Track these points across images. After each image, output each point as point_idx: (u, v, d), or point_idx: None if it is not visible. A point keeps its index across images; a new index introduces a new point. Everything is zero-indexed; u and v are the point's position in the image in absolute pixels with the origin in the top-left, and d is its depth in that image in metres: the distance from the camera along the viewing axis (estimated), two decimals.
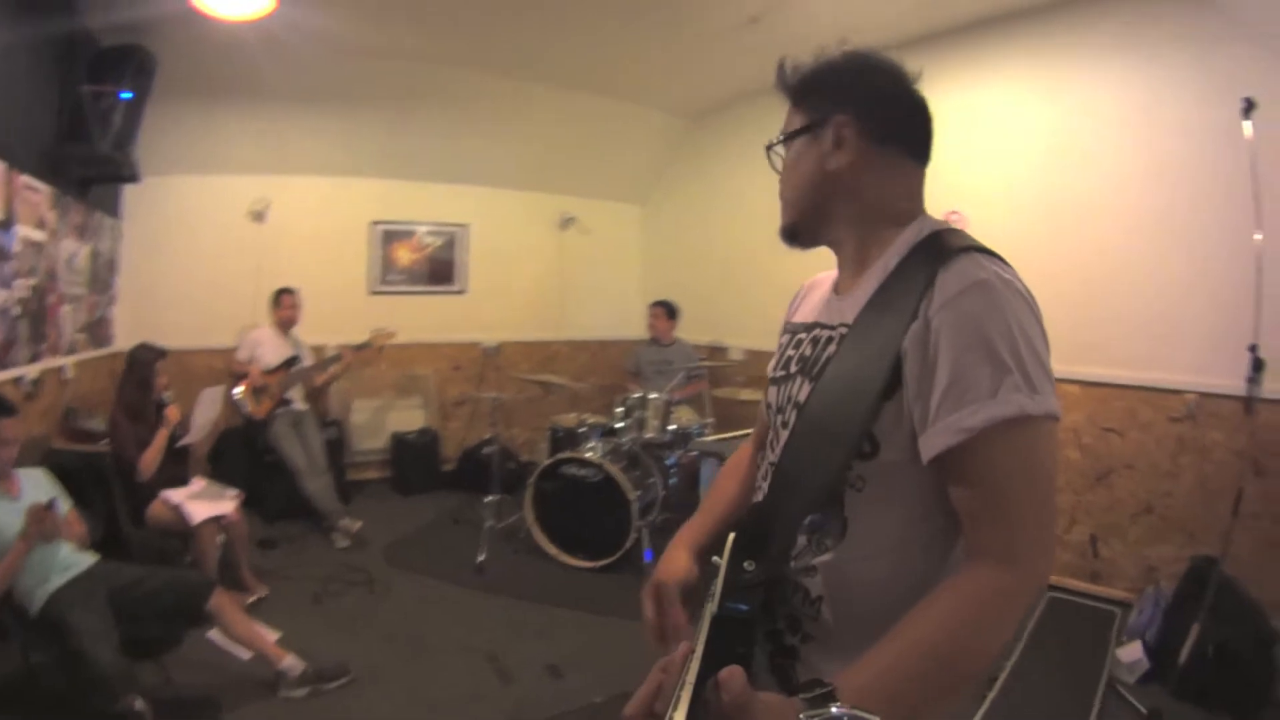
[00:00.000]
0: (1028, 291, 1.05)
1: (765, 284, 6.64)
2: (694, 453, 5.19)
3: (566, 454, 4.84)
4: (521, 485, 5.33)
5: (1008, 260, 1.09)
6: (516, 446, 6.95)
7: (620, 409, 5.20)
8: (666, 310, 6.39)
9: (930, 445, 1.00)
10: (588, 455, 4.75)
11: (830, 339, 1.20)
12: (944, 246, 1.09)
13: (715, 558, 1.05)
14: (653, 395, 5.14)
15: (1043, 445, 0.99)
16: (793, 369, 1.27)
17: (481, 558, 4.67)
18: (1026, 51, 4.66)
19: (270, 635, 3.39)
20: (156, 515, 3.89)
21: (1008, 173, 4.68)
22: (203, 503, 3.96)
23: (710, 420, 5.41)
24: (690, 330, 6.59)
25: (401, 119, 6.27)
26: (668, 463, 5.28)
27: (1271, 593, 3.51)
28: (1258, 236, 3.27)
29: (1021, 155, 4.68)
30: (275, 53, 5.04)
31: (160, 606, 3.07)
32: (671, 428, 5.14)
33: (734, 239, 7.05)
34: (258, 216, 6.07)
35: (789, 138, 1.29)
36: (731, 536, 1.01)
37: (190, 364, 5.66)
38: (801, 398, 1.19)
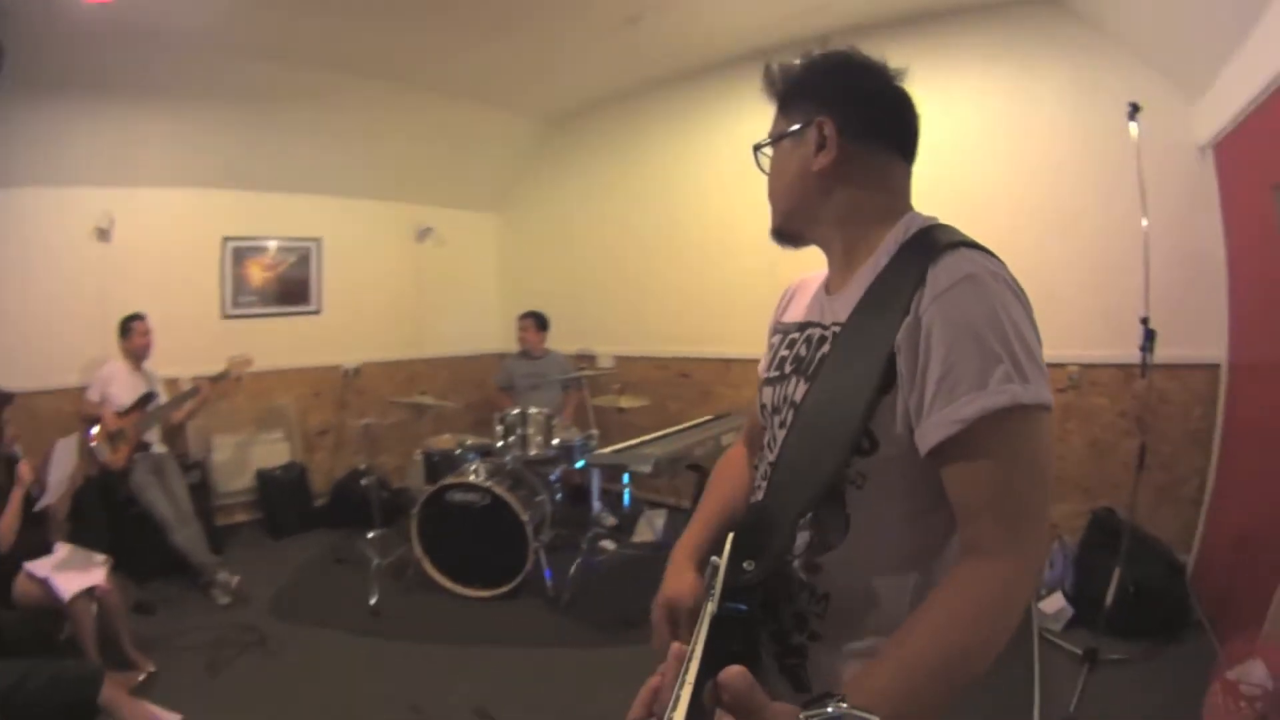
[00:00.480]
0: (1017, 284, 1.08)
1: (632, 288, 6.71)
2: (579, 465, 5.17)
3: (450, 479, 4.65)
4: (400, 516, 5.15)
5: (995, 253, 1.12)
6: (387, 474, 6.70)
7: (500, 427, 5.04)
8: (536, 321, 6.28)
9: (926, 438, 1.03)
10: (472, 479, 4.59)
11: (824, 338, 1.23)
12: (933, 242, 1.12)
13: (715, 558, 1.06)
14: (533, 410, 5.02)
15: (1036, 434, 1.01)
16: (787, 369, 1.30)
17: (374, 600, 4.45)
18: (912, 58, 4.80)
19: (170, 719, 3.14)
20: (23, 592, 3.43)
21: None
22: (71, 573, 3.53)
23: (594, 431, 5.39)
24: (556, 340, 6.50)
25: (253, 123, 5.84)
26: (551, 479, 5.20)
27: (1168, 531, 4.14)
28: (1144, 223, 3.61)
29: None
30: (127, 44, 4.65)
31: (50, 707, 2.75)
32: (555, 442, 5.04)
33: (598, 244, 7.06)
34: (102, 234, 5.49)
35: (775, 140, 1.32)
36: (730, 537, 1.04)
37: (37, 408, 5.07)
38: (798, 397, 1.21)
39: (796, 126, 1.26)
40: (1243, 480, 3.76)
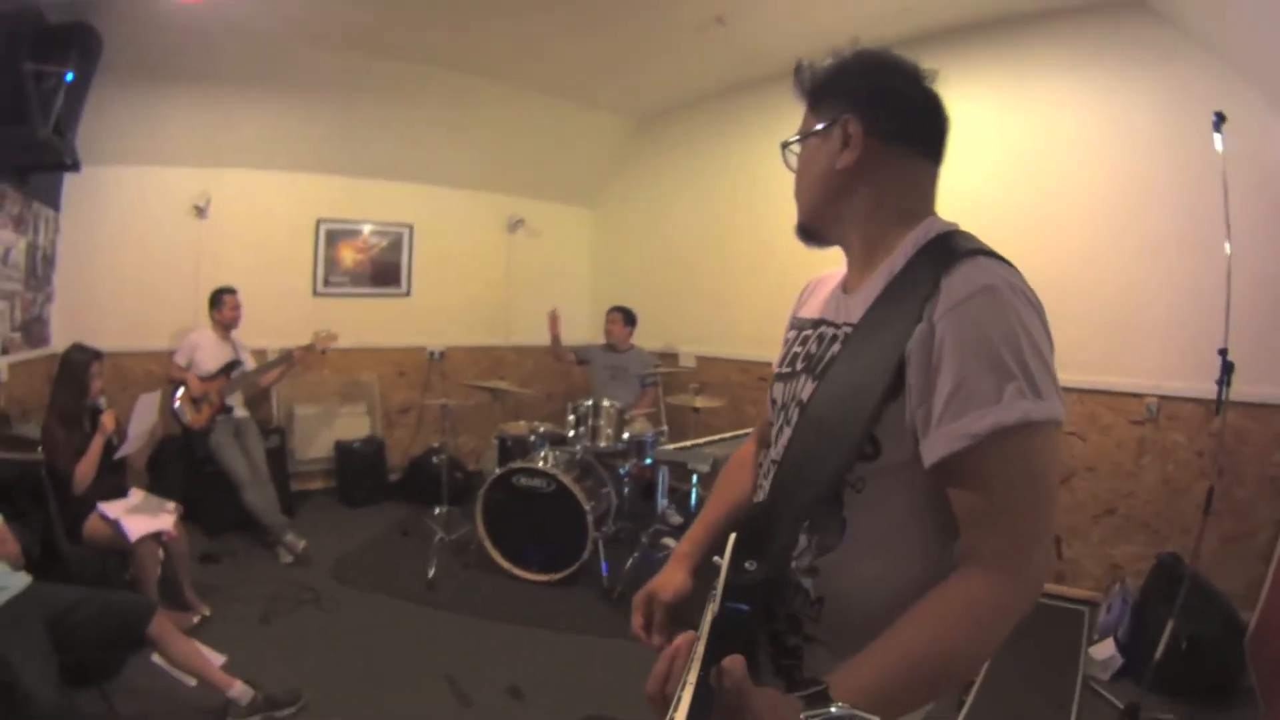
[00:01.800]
0: (1034, 295, 1.06)
1: (718, 290, 6.67)
2: (648, 461, 5.14)
3: (518, 464, 4.70)
4: (470, 496, 5.21)
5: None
6: (464, 455, 6.80)
7: (572, 416, 5.09)
8: (625, 316, 6.32)
9: (932, 450, 1.01)
10: (540, 465, 4.63)
11: (835, 337, 1.23)
12: (951, 249, 1.11)
13: (716, 558, 1.09)
14: (606, 403, 5.05)
15: (1045, 452, 1.00)
16: (798, 366, 1.29)
17: (432, 573, 4.53)
18: (995, 63, 4.74)
19: (216, 660, 3.21)
20: (94, 531, 3.65)
21: (972, 182, 4.68)
22: (141, 518, 3.73)
23: (664, 429, 5.36)
24: (642, 336, 6.52)
25: (348, 112, 6.05)
26: (620, 472, 5.19)
27: (1234, 585, 3.77)
28: (1227, 247, 3.34)
29: (987, 164, 4.73)
30: (220, 37, 4.88)
31: (100, 632, 2.87)
32: (625, 436, 5.05)
33: (686, 244, 7.03)
34: (199, 211, 5.78)
35: (803, 138, 1.31)
36: (733, 537, 1.02)
37: (127, 368, 5.42)
38: (805, 396, 1.20)
39: (823, 124, 1.26)
40: None
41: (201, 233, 5.82)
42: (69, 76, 4.01)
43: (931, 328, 1.02)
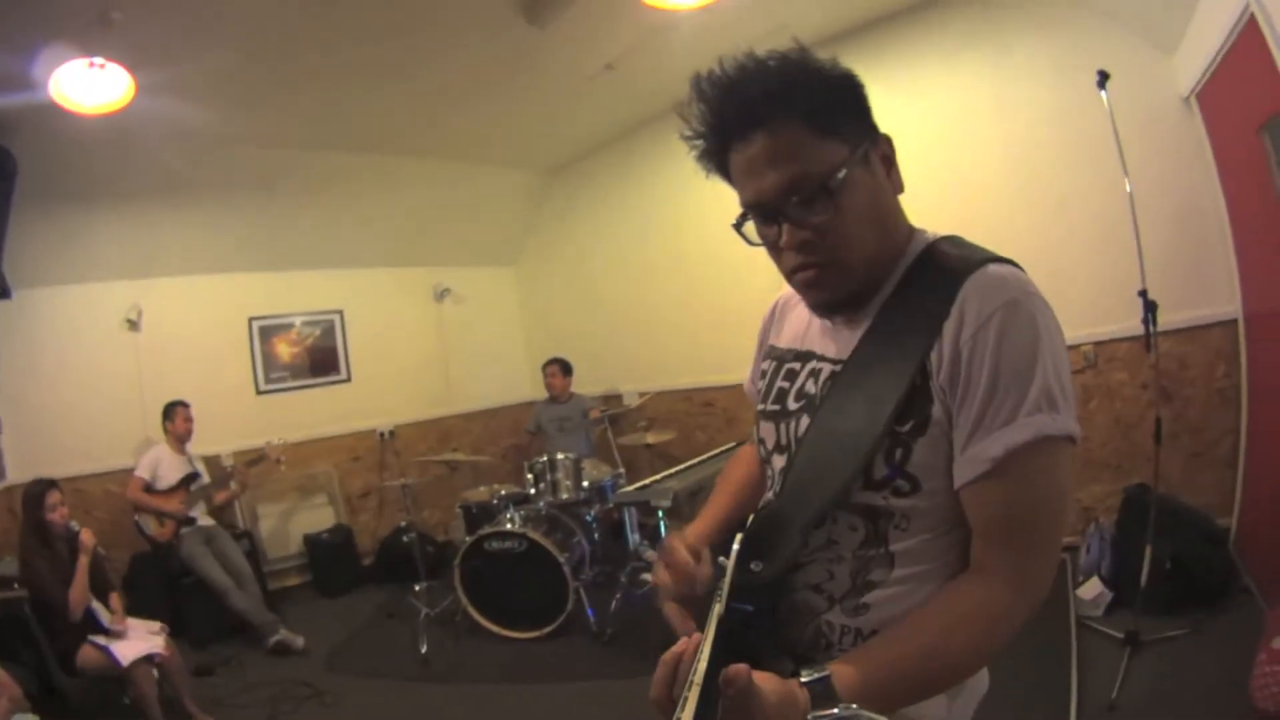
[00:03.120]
0: (1045, 301, 1.03)
1: (649, 325, 6.82)
2: (610, 505, 5.27)
3: (487, 529, 4.78)
4: (446, 568, 5.26)
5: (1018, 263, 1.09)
6: (431, 529, 6.84)
7: (530, 475, 5.19)
8: (561, 367, 6.44)
9: (960, 476, 1.01)
10: (508, 526, 4.72)
11: (834, 374, 1.16)
12: (954, 261, 1.08)
13: (721, 559, 1.06)
14: (560, 456, 5.15)
15: (1056, 466, 0.99)
16: (791, 405, 1.22)
17: (425, 649, 4.57)
18: (878, 62, 4.96)
19: None
20: (86, 660, 3.63)
21: None
22: (130, 642, 3.74)
23: (621, 471, 5.51)
24: (582, 383, 6.64)
25: (267, 207, 6.15)
26: (587, 519, 5.28)
27: (1207, 497, 4.00)
28: (1127, 186, 3.57)
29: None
30: (136, 147, 4.97)
31: None
32: (585, 484, 5.17)
33: (610, 286, 7.22)
34: (132, 325, 5.80)
35: (853, 166, 1.05)
36: (739, 538, 1.04)
37: (87, 490, 5.40)
38: (804, 433, 1.16)
39: (855, 150, 1.07)
40: (1278, 432, 3.60)
41: (138, 345, 5.84)
42: None
43: (958, 354, 0.99)
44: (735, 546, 1.03)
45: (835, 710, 0.77)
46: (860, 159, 1.06)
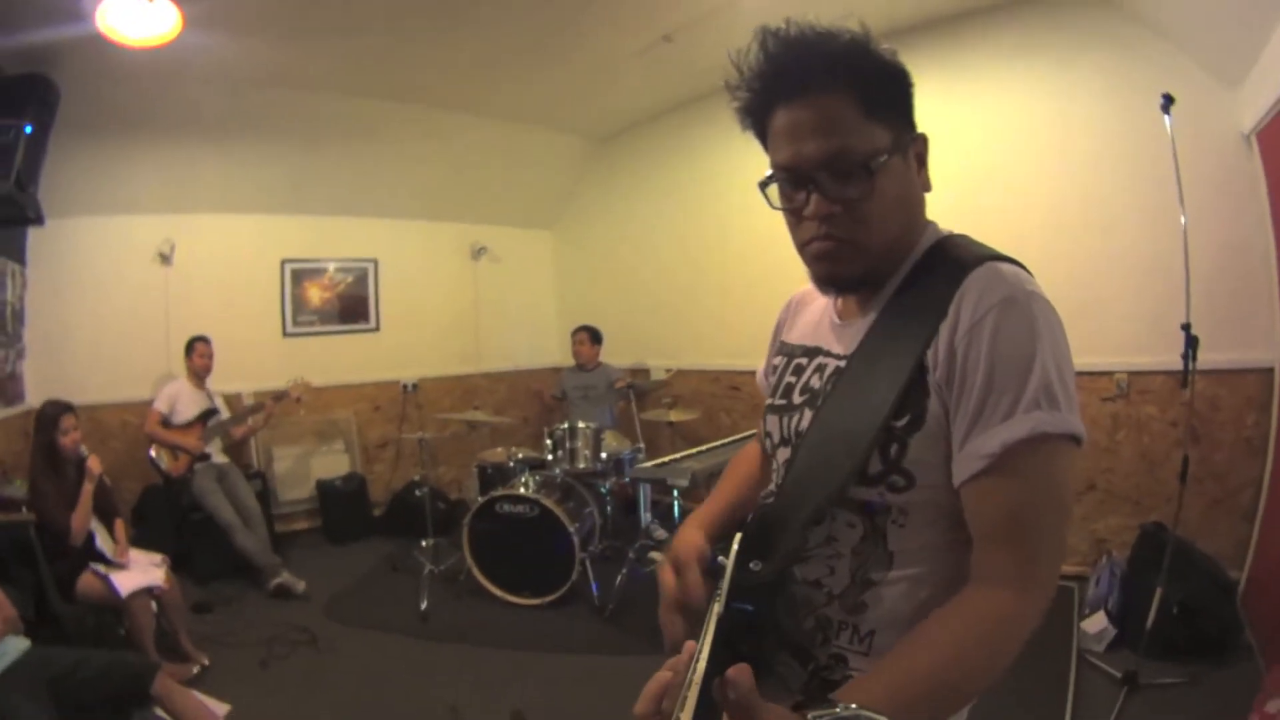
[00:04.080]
0: (1047, 300, 1.02)
1: (685, 302, 6.75)
2: (626, 480, 5.21)
3: (500, 491, 4.75)
4: (455, 526, 5.25)
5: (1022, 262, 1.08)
6: (445, 486, 6.83)
7: (549, 441, 5.16)
8: (590, 335, 6.42)
9: (958, 474, 1.00)
10: (521, 490, 4.69)
11: (839, 369, 1.16)
12: (956, 259, 1.07)
13: (721, 558, 1.05)
14: (581, 425, 5.11)
15: (1058, 467, 0.97)
16: (795, 399, 1.23)
17: (425, 605, 4.56)
18: (938, 61, 4.82)
19: (220, 710, 3.23)
20: (86, 588, 3.63)
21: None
22: (131, 573, 3.74)
23: (641, 445, 5.44)
24: (611, 354, 6.61)
25: (307, 152, 6.09)
26: (601, 491, 5.24)
27: (1222, 546, 3.88)
28: (1183, 220, 3.46)
29: (939, 162, 4.80)
30: (178, 84, 4.92)
31: (102, 692, 2.88)
32: (603, 456, 5.12)
33: (649, 260, 7.12)
34: (164, 259, 5.81)
35: (889, 155, 1.07)
36: (738, 537, 1.01)
37: (103, 420, 5.43)
38: (806, 429, 1.16)
39: (896, 138, 1.09)
40: None
41: (168, 279, 5.85)
42: (28, 129, 4.02)
43: (953, 350, 0.99)
44: (734, 545, 1.00)
45: (836, 710, 0.75)
46: (900, 149, 1.09)
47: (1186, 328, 3.38)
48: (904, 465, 1.04)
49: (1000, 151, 4.71)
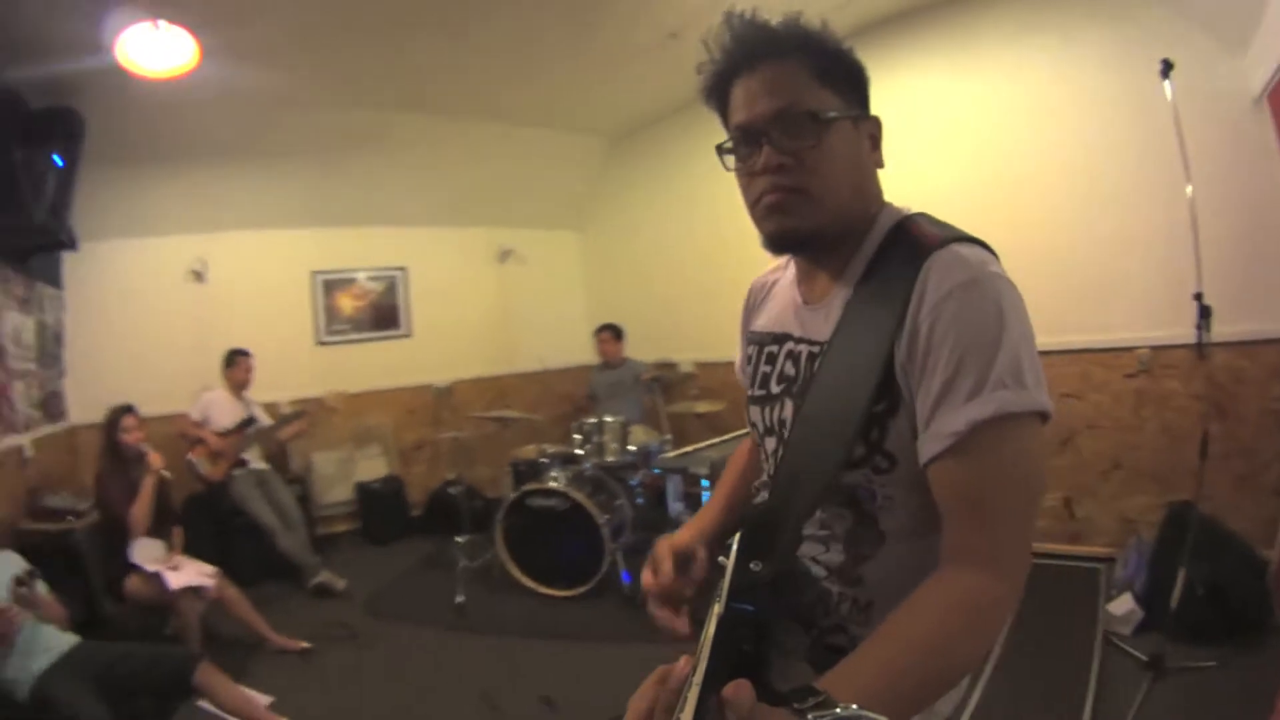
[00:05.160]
0: (1010, 281, 1.02)
1: (709, 295, 6.75)
2: (656, 471, 5.28)
3: (531, 485, 4.86)
4: (492, 522, 5.36)
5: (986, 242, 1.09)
6: (480, 484, 6.94)
7: (578, 435, 5.27)
8: (613, 332, 6.51)
9: (923, 454, 1.00)
10: (551, 485, 4.79)
11: (812, 355, 1.18)
12: (918, 241, 1.08)
13: (721, 558, 1.11)
14: (609, 419, 5.22)
15: (1026, 445, 0.97)
16: (773, 388, 1.25)
17: (460, 599, 4.68)
18: (943, 42, 4.88)
19: (262, 700, 3.37)
20: (134, 589, 3.84)
21: (934, 160, 4.84)
22: (181, 573, 3.92)
23: (668, 437, 5.51)
24: (639, 349, 6.68)
25: (330, 166, 6.28)
26: (631, 483, 5.31)
27: (1251, 524, 3.72)
28: (1189, 189, 3.38)
29: (946, 143, 4.88)
30: (200, 109, 5.09)
31: (148, 682, 3.04)
32: (631, 449, 5.21)
33: (672, 254, 7.18)
34: (197, 276, 6.05)
35: (843, 117, 1.12)
36: (737, 537, 1.04)
37: (147, 432, 5.58)
38: (789, 418, 1.18)
39: (853, 111, 1.14)
40: None
41: (202, 296, 6.07)
42: (59, 161, 4.19)
43: (916, 330, 1.00)
44: (733, 546, 1.04)
45: (836, 710, 0.73)
46: (852, 118, 1.13)
47: (1198, 296, 3.34)
48: (885, 448, 1.06)
49: (1009, 129, 4.68)
